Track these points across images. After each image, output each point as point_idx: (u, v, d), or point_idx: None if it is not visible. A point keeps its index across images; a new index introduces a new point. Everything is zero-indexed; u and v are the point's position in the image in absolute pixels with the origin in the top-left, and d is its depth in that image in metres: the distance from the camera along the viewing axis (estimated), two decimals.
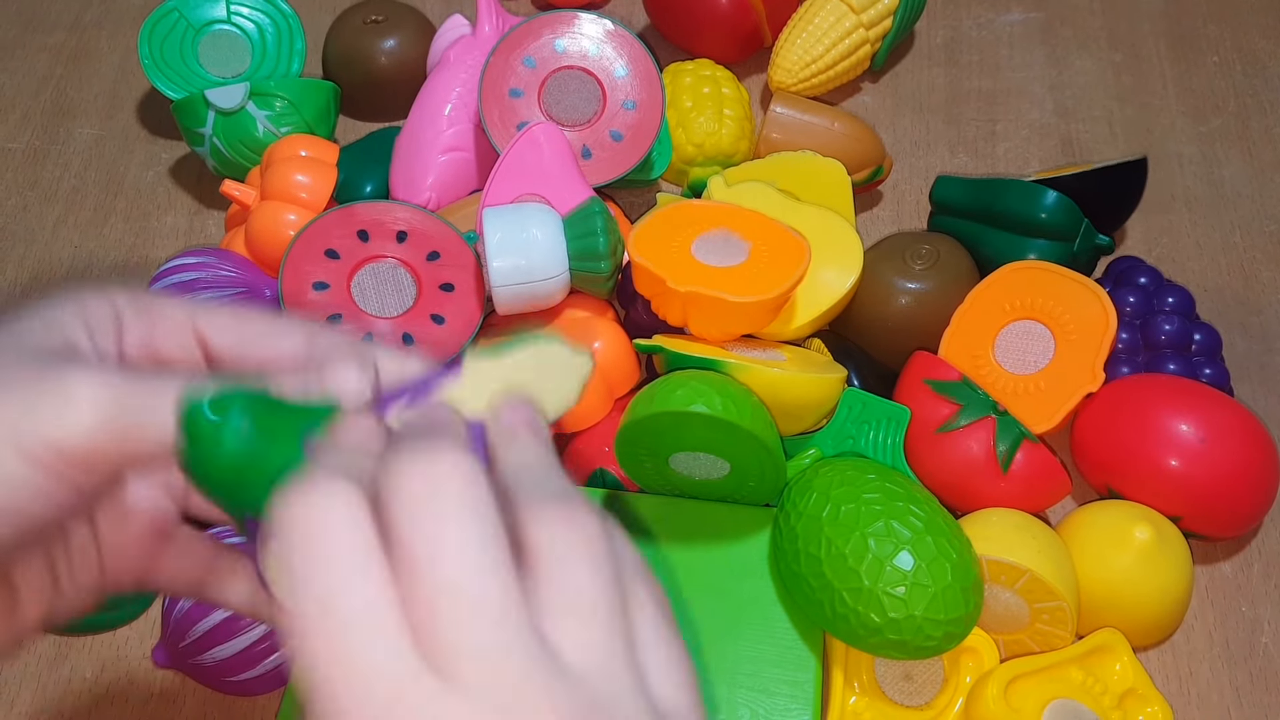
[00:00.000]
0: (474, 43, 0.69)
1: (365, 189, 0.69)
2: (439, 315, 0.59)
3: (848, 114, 0.71)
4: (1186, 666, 0.55)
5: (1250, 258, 0.69)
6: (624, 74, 0.65)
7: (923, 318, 0.60)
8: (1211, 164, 0.73)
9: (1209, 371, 0.59)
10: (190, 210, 0.76)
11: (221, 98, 0.68)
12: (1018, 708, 0.49)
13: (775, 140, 0.69)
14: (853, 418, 0.57)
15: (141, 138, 0.80)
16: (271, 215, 0.62)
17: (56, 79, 0.84)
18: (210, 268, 0.59)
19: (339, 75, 0.77)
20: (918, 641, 0.46)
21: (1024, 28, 0.81)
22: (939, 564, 0.46)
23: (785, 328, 0.58)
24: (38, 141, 0.80)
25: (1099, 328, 0.56)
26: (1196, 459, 0.53)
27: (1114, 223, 0.65)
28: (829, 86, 0.75)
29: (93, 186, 0.78)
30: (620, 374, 0.59)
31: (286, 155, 0.64)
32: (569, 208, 0.59)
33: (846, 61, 0.74)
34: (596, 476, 0.58)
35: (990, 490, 0.54)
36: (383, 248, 0.60)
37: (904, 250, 0.61)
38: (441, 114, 0.67)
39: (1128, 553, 0.51)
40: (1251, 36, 0.80)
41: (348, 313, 0.58)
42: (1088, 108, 0.76)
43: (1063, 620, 0.50)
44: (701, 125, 0.68)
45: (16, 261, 0.74)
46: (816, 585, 0.48)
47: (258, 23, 0.75)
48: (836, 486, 0.50)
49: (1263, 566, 0.58)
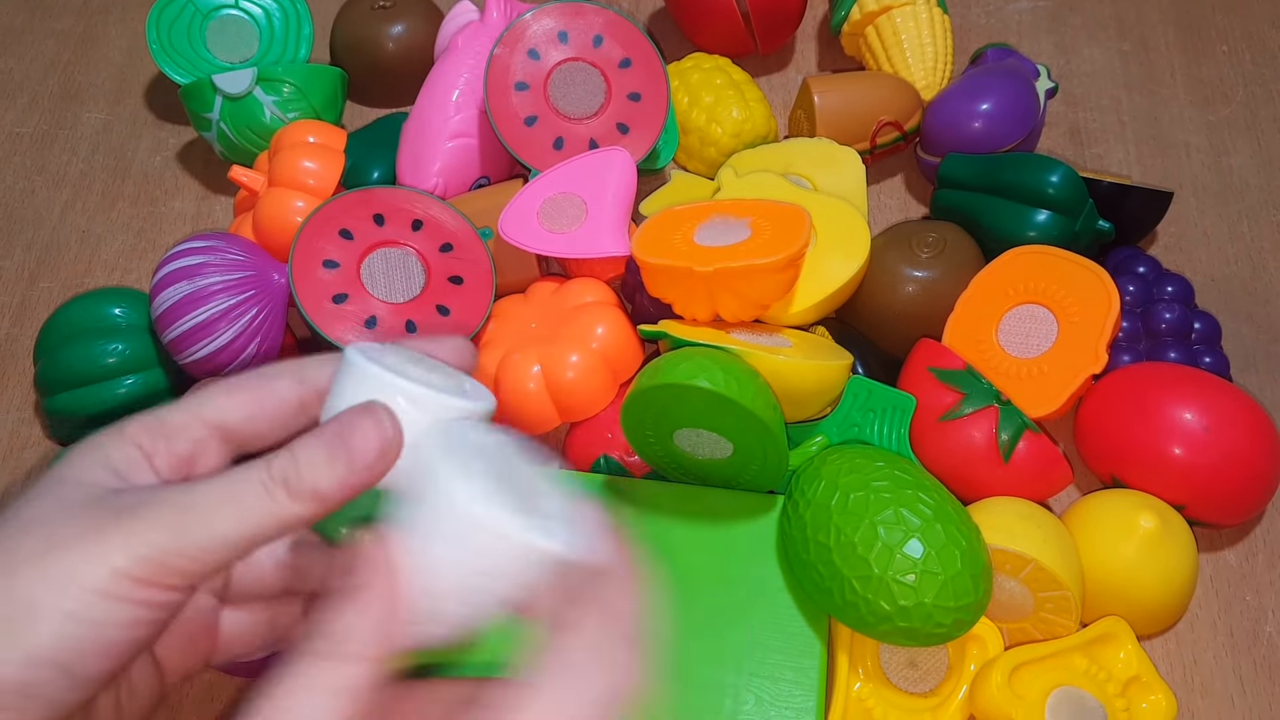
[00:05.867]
0: (482, 29, 0.69)
1: (372, 175, 0.69)
2: (445, 307, 0.59)
3: (874, 73, 0.71)
4: (1190, 655, 0.55)
5: (1258, 247, 0.69)
6: (628, 66, 0.65)
7: (928, 305, 0.60)
8: (1220, 153, 0.73)
9: (1209, 360, 0.59)
10: (198, 195, 0.76)
11: (229, 83, 0.68)
12: (1022, 695, 0.50)
13: (831, 112, 0.68)
14: (858, 405, 0.57)
15: (149, 122, 0.80)
16: (279, 201, 0.62)
17: (64, 64, 0.84)
18: (218, 251, 0.59)
19: (346, 61, 0.77)
20: (927, 629, 0.46)
21: (1032, 16, 0.81)
22: (949, 551, 0.46)
23: (790, 312, 0.58)
24: (45, 126, 0.80)
25: (1102, 310, 0.56)
26: (1200, 447, 0.53)
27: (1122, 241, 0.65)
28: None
29: (100, 171, 0.78)
30: (624, 360, 0.59)
31: (294, 141, 0.65)
32: (599, 239, 0.60)
33: (950, 40, 0.74)
34: (600, 463, 0.58)
35: (992, 479, 0.55)
36: (397, 233, 0.60)
37: (910, 238, 0.61)
38: (449, 100, 0.67)
39: (1132, 541, 0.51)
40: (1261, 25, 0.80)
41: (354, 293, 0.58)
42: (1096, 96, 0.76)
43: (1067, 609, 0.51)
44: (734, 115, 0.68)
45: (24, 245, 0.74)
46: (825, 573, 0.48)
47: (265, 8, 0.75)
48: (845, 474, 0.50)
49: (1267, 555, 0.58)
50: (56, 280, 0.72)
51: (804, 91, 0.70)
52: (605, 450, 0.58)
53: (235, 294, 0.58)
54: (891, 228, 0.64)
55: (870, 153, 0.69)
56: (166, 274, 0.58)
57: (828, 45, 0.80)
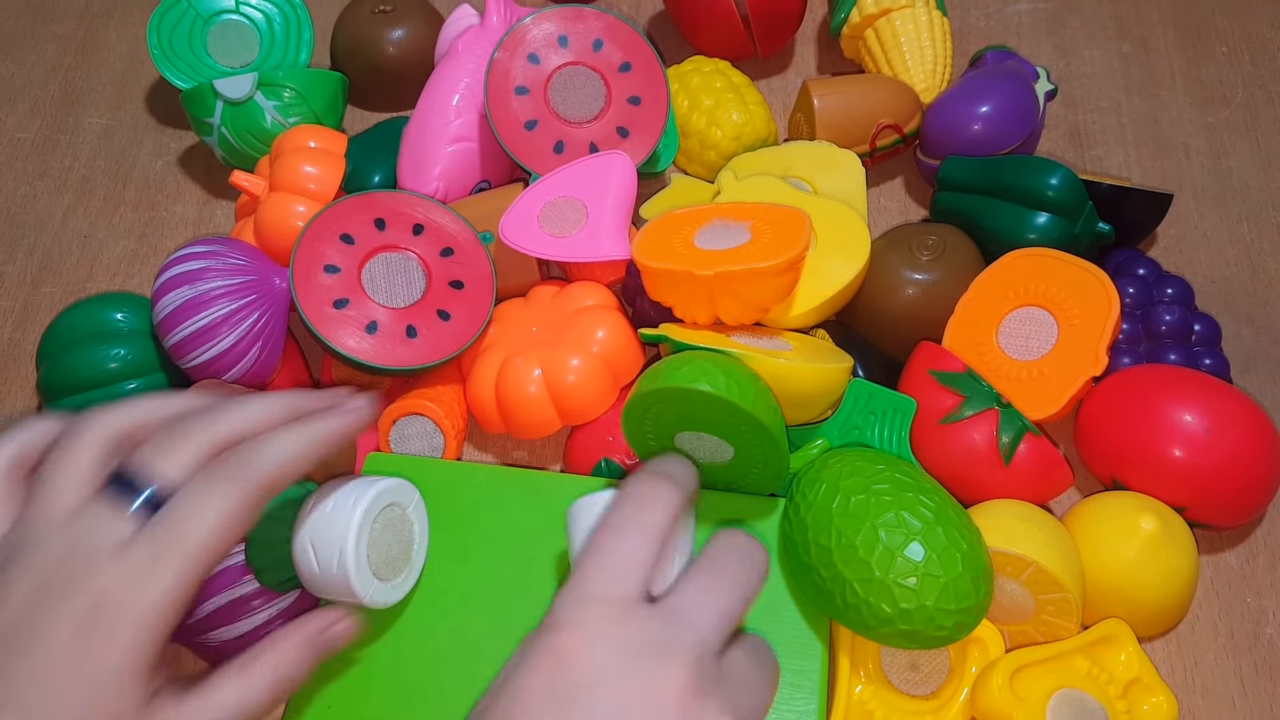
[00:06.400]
0: (482, 33, 0.69)
1: (373, 179, 0.69)
2: (445, 311, 0.59)
3: (873, 76, 0.71)
4: (1191, 656, 0.55)
5: (1258, 249, 0.69)
6: (628, 69, 0.65)
7: (928, 308, 0.60)
8: (1219, 155, 0.73)
9: (1209, 361, 0.59)
10: (199, 200, 0.76)
11: (230, 88, 0.68)
12: (1023, 697, 0.50)
13: (831, 114, 0.68)
14: (859, 408, 0.57)
15: (150, 127, 0.80)
16: (280, 206, 0.63)
17: (65, 68, 0.84)
18: (219, 256, 0.59)
19: (347, 65, 0.77)
20: (929, 631, 0.46)
21: (1032, 18, 0.81)
22: (950, 554, 0.46)
23: (790, 314, 0.58)
24: (47, 131, 0.81)
25: (1102, 312, 0.56)
26: (1201, 449, 0.53)
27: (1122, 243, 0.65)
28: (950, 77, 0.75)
29: (102, 176, 0.78)
30: (624, 364, 0.59)
31: (295, 146, 0.65)
32: (600, 243, 0.60)
33: (949, 42, 0.74)
34: (601, 466, 0.58)
35: (992, 482, 0.55)
36: (398, 238, 0.60)
37: (910, 241, 0.61)
38: (449, 104, 0.67)
39: (1133, 543, 0.51)
40: (1260, 27, 0.80)
41: (355, 298, 0.58)
42: (1095, 98, 0.76)
43: (1068, 611, 0.51)
44: (734, 118, 0.68)
45: (26, 251, 0.74)
46: (827, 576, 0.48)
47: (266, 13, 0.75)
48: (846, 477, 0.50)
49: (1268, 557, 0.58)
50: (58, 285, 0.72)
51: (804, 94, 0.70)
52: (606, 454, 0.58)
53: (237, 299, 0.58)
54: (891, 230, 0.64)
55: (870, 155, 0.69)
56: (168, 279, 0.58)
57: (827, 48, 0.80)
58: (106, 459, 0.40)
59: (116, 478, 0.39)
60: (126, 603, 0.36)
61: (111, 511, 0.38)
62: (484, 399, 0.59)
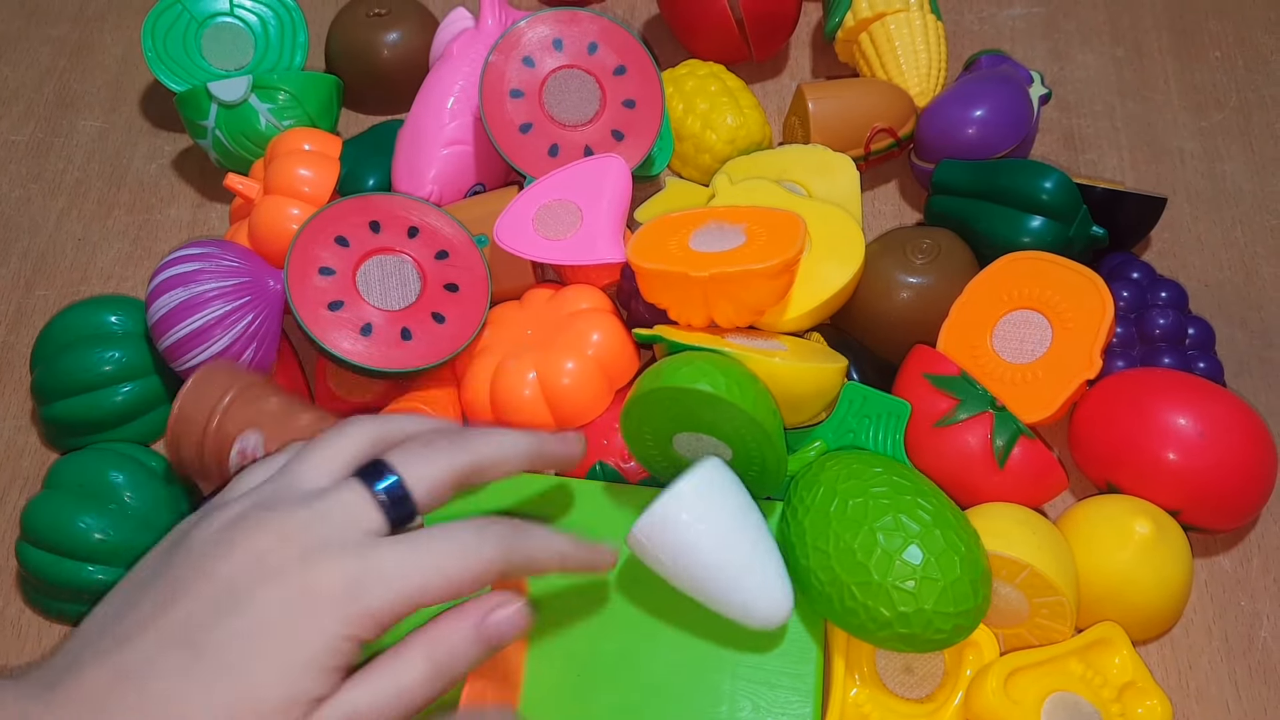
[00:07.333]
0: (477, 36, 0.69)
1: (368, 182, 0.69)
2: (440, 314, 0.59)
3: (868, 80, 0.71)
4: (1186, 660, 0.55)
5: (1251, 253, 0.69)
6: (623, 73, 0.65)
7: (923, 311, 0.60)
8: (1213, 159, 0.73)
9: (1203, 365, 0.59)
10: (193, 203, 0.76)
11: (224, 90, 0.68)
12: (1018, 700, 0.50)
13: (826, 118, 0.68)
14: (854, 411, 0.57)
15: (144, 130, 0.80)
16: (274, 210, 0.62)
17: (60, 71, 0.84)
18: (213, 258, 0.59)
19: (342, 68, 0.77)
20: (927, 635, 0.46)
21: (1026, 22, 0.81)
22: (948, 557, 0.46)
23: (785, 318, 0.58)
24: (41, 134, 0.81)
25: (1096, 315, 0.56)
26: (1195, 452, 0.53)
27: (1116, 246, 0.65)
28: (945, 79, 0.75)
29: (96, 179, 0.78)
30: (620, 367, 0.59)
31: (289, 149, 0.65)
32: (595, 246, 0.60)
33: (944, 46, 0.74)
34: (596, 469, 0.58)
35: (986, 485, 0.55)
36: (393, 241, 0.60)
37: (905, 244, 0.61)
38: (444, 107, 0.67)
39: (1128, 547, 0.51)
40: (1254, 31, 0.80)
41: (349, 300, 0.58)
42: (1089, 102, 0.76)
43: (1062, 615, 0.51)
44: (729, 122, 0.68)
45: (20, 253, 0.74)
46: (825, 579, 0.48)
47: (260, 15, 0.75)
48: (843, 480, 0.50)
49: (1262, 561, 0.58)
50: (52, 288, 0.72)
51: (798, 98, 0.70)
52: (601, 457, 0.58)
53: (231, 300, 0.58)
54: (886, 234, 0.64)
55: (864, 159, 0.69)
56: (162, 281, 0.58)
57: (822, 52, 0.81)
58: (363, 454, 0.41)
59: (367, 466, 0.40)
60: (350, 593, 0.36)
61: (354, 495, 0.38)
62: (478, 402, 0.59)
